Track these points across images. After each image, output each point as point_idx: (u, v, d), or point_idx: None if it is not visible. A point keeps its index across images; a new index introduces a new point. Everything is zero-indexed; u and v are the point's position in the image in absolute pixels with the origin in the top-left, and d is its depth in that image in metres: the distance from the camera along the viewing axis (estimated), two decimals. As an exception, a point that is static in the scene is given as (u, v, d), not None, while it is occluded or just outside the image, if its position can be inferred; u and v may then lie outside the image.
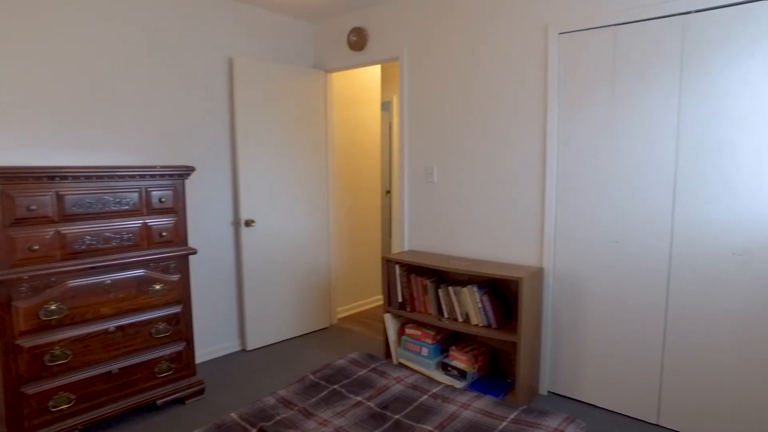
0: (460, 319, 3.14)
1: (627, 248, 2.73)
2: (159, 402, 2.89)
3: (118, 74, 3.10)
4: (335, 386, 2.15)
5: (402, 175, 3.73)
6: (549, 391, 3.13)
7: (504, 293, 3.19)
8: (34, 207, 2.40)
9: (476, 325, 3.06)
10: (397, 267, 3.40)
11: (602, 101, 2.74)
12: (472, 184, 3.32)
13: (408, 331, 3.38)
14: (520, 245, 3.15)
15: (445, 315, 3.21)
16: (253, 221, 3.75)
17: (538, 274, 2.97)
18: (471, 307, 3.07)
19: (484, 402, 2.03)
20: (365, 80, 4.69)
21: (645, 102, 2.60)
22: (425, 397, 2.07)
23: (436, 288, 3.26)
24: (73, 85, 2.92)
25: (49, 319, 2.47)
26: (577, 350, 2.97)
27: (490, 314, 3.00)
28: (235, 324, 3.84)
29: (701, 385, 2.55)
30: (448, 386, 2.16)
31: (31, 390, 2.44)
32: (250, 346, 3.83)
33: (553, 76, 2.89)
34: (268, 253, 3.88)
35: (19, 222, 2.37)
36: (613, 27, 2.66)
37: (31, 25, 2.75)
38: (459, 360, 3.14)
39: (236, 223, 3.77)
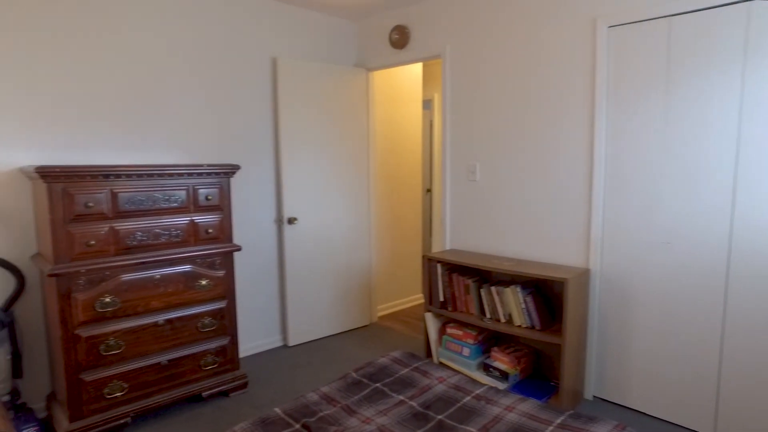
0: (503, 320, 3.09)
1: (681, 249, 2.61)
2: (204, 394, 2.96)
3: (165, 76, 3.20)
4: (377, 384, 2.16)
5: (444, 173, 3.69)
6: (594, 396, 3.04)
7: (548, 294, 3.11)
8: (91, 204, 2.51)
9: (519, 326, 3.00)
10: (438, 266, 3.37)
11: (655, 96, 2.63)
12: (516, 182, 3.26)
13: (449, 330, 3.35)
14: (564, 245, 3.07)
15: (487, 315, 3.17)
16: (295, 219, 3.80)
17: (584, 275, 2.88)
18: (514, 307, 3.01)
19: (528, 405, 1.99)
20: (407, 78, 4.67)
21: (703, 96, 2.48)
22: (468, 398, 2.04)
23: (479, 288, 3.22)
24: (124, 88, 3.04)
25: (104, 311, 2.57)
26: (625, 355, 2.87)
27: (534, 315, 2.93)
28: (277, 320, 3.91)
29: (765, 399, 2.42)
30: (491, 388, 2.13)
31: (88, 377, 2.55)
32: (291, 342, 3.89)
33: (602, 70, 2.79)
34: (310, 250, 3.92)
35: (78, 218, 2.48)
36: (668, 18, 2.55)
37: (85, 32, 2.88)
38: (501, 361, 3.09)
39: (279, 221, 3.83)
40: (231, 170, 2.96)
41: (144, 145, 3.13)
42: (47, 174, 2.37)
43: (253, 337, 3.78)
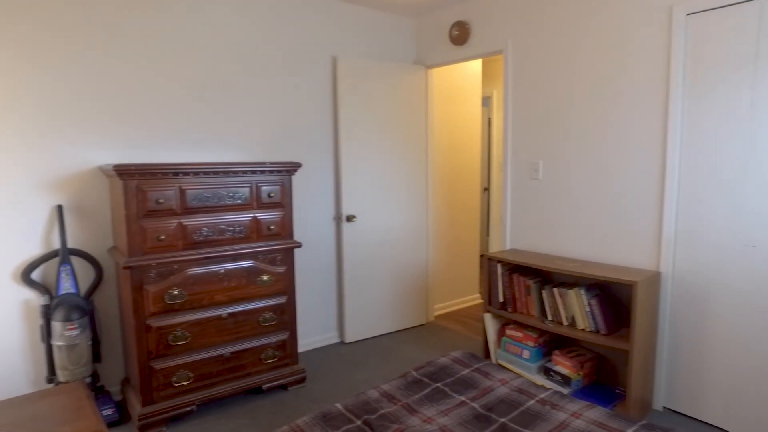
0: (565, 323, 2.98)
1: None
2: (264, 387, 3.04)
3: (230, 77, 3.30)
4: (438, 384, 2.13)
5: (504, 171, 3.61)
6: (664, 407, 2.88)
7: (614, 297, 2.98)
8: (161, 200, 2.62)
9: (583, 329, 2.88)
10: (498, 266, 3.30)
11: (739, 89, 2.45)
12: (581, 180, 3.14)
13: (509, 332, 3.27)
14: (632, 247, 2.92)
15: (549, 317, 3.07)
16: (354, 216, 3.83)
17: (654, 278, 2.73)
18: (577, 310, 2.90)
19: (597, 413, 1.90)
20: (466, 75, 4.60)
21: (792, 88, 2.28)
22: (532, 402, 1.98)
23: (540, 289, 3.13)
24: (191, 89, 3.16)
25: (173, 303, 2.68)
26: (700, 365, 2.70)
27: (599, 319, 2.81)
28: (334, 316, 3.95)
29: None
30: (556, 392, 2.05)
31: (158, 365, 2.67)
32: (348, 339, 3.92)
33: (677, 61, 2.63)
34: (368, 248, 3.94)
35: (150, 214, 2.60)
36: (759, 1, 2.36)
37: (154, 40, 3.01)
38: (563, 365, 2.98)
39: (338, 218, 3.87)
40: (293, 168, 3.01)
41: (209, 143, 3.25)
42: (123, 172, 2.49)
43: (311, 332, 3.84)
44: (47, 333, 2.68)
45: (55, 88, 2.74)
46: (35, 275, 2.74)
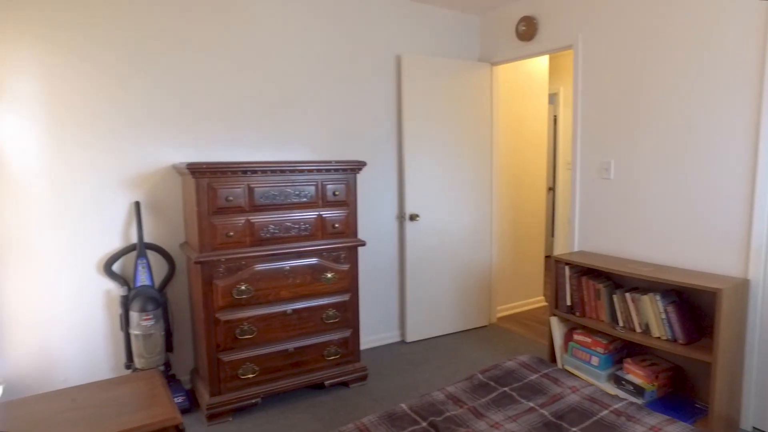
0: (638, 330, 2.82)
1: None
2: (326, 383, 3.07)
3: (296, 77, 3.37)
4: (505, 388, 2.07)
5: (573, 171, 3.47)
6: (754, 427, 2.66)
7: (693, 305, 2.79)
8: (231, 198, 2.70)
9: (658, 338, 2.72)
10: (566, 268, 3.18)
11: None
12: (657, 180, 2.96)
13: (576, 337, 3.14)
14: (715, 251, 2.72)
15: (620, 324, 2.92)
16: (417, 215, 3.81)
17: (741, 286, 2.53)
18: (652, 317, 2.74)
19: (678, 428, 1.78)
20: (532, 72, 4.47)
21: None
22: (606, 412, 1.88)
23: (611, 293, 2.98)
24: (258, 90, 3.25)
25: (240, 298, 2.76)
26: (794, 380, 2.48)
27: (676, 327, 2.64)
28: (395, 315, 3.95)
29: None
30: (631, 403, 1.94)
31: (225, 358, 2.76)
32: (409, 338, 3.91)
33: (771, 51, 2.42)
34: (431, 247, 3.91)
35: (220, 211, 2.69)
36: None
37: (224, 45, 3.11)
38: (635, 374, 2.83)
39: (401, 217, 3.86)
40: (357, 167, 3.02)
41: (276, 142, 3.32)
42: (196, 170, 2.59)
43: (372, 330, 3.85)
44: (125, 322, 2.84)
45: (134, 92, 2.88)
46: (115, 267, 2.90)
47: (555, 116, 5.86)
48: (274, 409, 2.91)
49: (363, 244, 3.07)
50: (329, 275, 3.00)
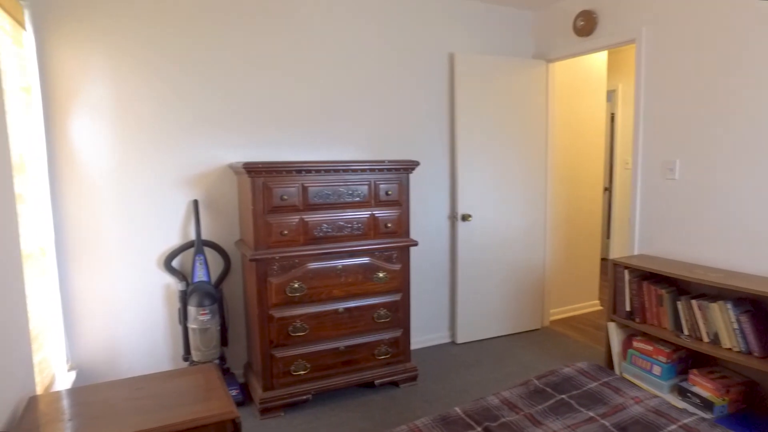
0: (706, 339, 2.67)
1: None
2: (376, 382, 3.07)
3: (348, 76, 3.38)
4: (563, 396, 2.00)
5: (634, 171, 3.32)
6: (835, 445, 2.47)
7: (769, 314, 2.61)
8: (285, 197, 2.74)
9: (729, 349, 2.56)
10: (626, 272, 3.05)
11: None
12: (727, 180, 2.78)
13: (636, 344, 3.00)
14: (794, 257, 2.53)
15: (685, 332, 2.77)
16: (469, 216, 3.75)
17: (824, 294, 2.35)
18: (722, 326, 2.58)
19: (755, 446, 1.66)
20: (589, 68, 4.32)
21: None
22: (674, 427, 1.78)
23: (675, 300, 2.83)
24: (311, 90, 3.29)
25: (293, 295, 2.80)
26: None
27: (751, 339, 2.47)
28: (446, 316, 3.91)
29: None
30: (702, 419, 1.83)
31: (278, 354, 2.81)
32: (459, 340, 3.86)
33: None
34: (483, 248, 3.85)
35: (275, 210, 2.74)
36: None
37: (282, 47, 3.16)
38: (703, 387, 2.67)
39: (453, 217, 3.82)
40: (410, 166, 3.01)
41: (329, 142, 3.35)
42: (252, 169, 2.64)
43: (422, 330, 3.82)
44: (184, 316, 2.93)
45: (193, 97, 2.98)
46: (175, 263, 3.00)
47: (612, 114, 5.64)
48: (324, 406, 2.94)
49: (415, 244, 3.05)
50: (381, 275, 3.00)
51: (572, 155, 4.33)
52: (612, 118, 5.69)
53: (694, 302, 2.70)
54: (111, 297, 2.89)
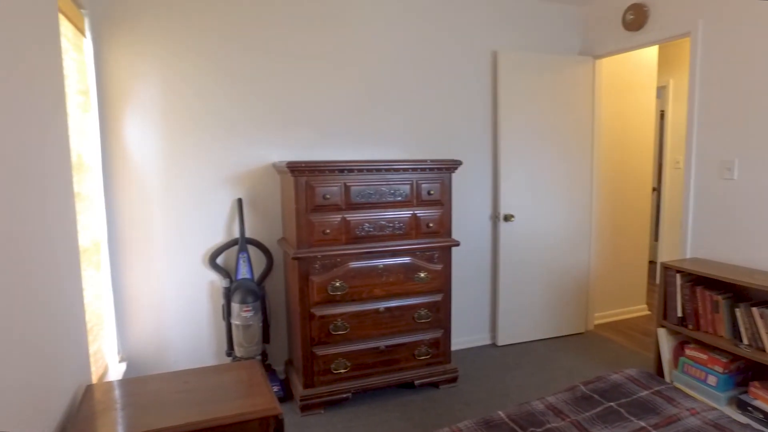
0: None
1: None
2: (416, 382, 3.05)
3: (390, 76, 3.38)
4: (612, 404, 1.93)
5: (687, 170, 3.18)
6: None
7: (838, 324, 2.44)
8: (328, 196, 2.76)
9: (792, 359, 2.41)
10: (677, 276, 2.92)
11: None
12: (792, 181, 2.63)
13: (689, 352, 2.88)
14: None
15: (745, 341, 2.63)
16: (512, 216, 3.69)
17: None
18: (785, 335, 2.44)
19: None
20: (638, 64, 4.17)
21: None
22: (733, 440, 1.69)
23: (732, 306, 2.69)
24: (353, 91, 3.30)
25: (335, 294, 2.82)
26: None
27: (816, 349, 2.33)
28: (487, 317, 3.85)
29: None
30: (764, 432, 1.73)
31: (319, 351, 2.83)
32: (500, 342, 3.79)
33: None
34: (525, 249, 3.77)
35: (317, 209, 2.76)
36: None
37: (324, 48, 3.19)
38: (765, 401, 2.53)
39: (495, 218, 3.76)
40: (453, 166, 2.98)
41: (370, 141, 3.36)
42: (295, 168, 2.67)
43: (462, 332, 3.78)
44: (227, 312, 3.00)
45: (237, 98, 3.04)
46: (219, 260, 3.07)
47: (662, 111, 5.42)
48: (364, 405, 2.94)
49: (457, 244, 3.02)
50: (422, 275, 2.98)
51: (619, 154, 4.19)
52: (662, 115, 5.47)
53: (755, 310, 2.56)
54: (158, 292, 2.98)
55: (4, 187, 1.31)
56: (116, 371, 2.72)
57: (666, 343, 3.01)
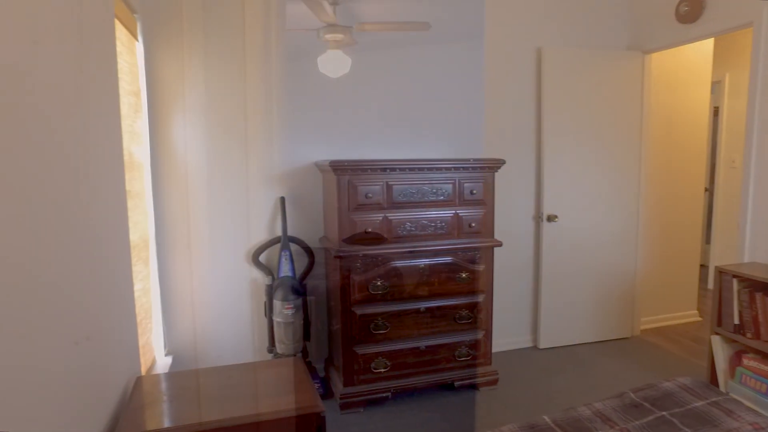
0: (833, 360, 2.37)
1: None
2: (456, 384, 3.02)
3: (431, 74, 3.34)
4: (664, 413, 1.85)
5: (746, 170, 3.02)
6: None
7: None
8: (370, 195, 2.76)
9: None
10: (734, 281, 2.78)
11: None
12: None
13: (747, 362, 2.73)
14: None
15: (808, 351, 2.48)
16: (555, 216, 3.60)
17: None
18: None
19: None
20: (691, 58, 3.99)
21: None
22: (799, 457, 1.59)
23: (795, 314, 2.54)
24: (395, 87, 3.29)
25: (375, 293, 2.82)
26: None
27: None
28: (528, 320, 3.77)
29: None
30: (834, 450, 1.62)
31: (359, 350, 2.84)
32: (542, 345, 3.72)
33: None
34: (569, 250, 3.68)
35: (359, 207, 2.77)
36: None
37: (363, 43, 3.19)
38: (828, 413, 2.38)
39: (537, 218, 3.68)
40: (496, 165, 2.93)
41: (412, 140, 3.34)
42: (338, 167, 2.68)
43: (503, 333, 3.71)
44: (269, 309, 3.04)
45: (279, 95, 3.07)
46: (262, 258, 3.12)
47: (716, 107, 5.18)
48: (403, 404, 2.93)
49: (499, 244, 2.97)
50: (464, 275, 2.95)
51: (669, 153, 4.03)
52: (716, 112, 5.22)
53: (818, 318, 2.41)
54: (202, 288, 3.05)
55: (66, 184, 1.37)
56: (163, 364, 2.80)
57: (721, 351, 2.87)
